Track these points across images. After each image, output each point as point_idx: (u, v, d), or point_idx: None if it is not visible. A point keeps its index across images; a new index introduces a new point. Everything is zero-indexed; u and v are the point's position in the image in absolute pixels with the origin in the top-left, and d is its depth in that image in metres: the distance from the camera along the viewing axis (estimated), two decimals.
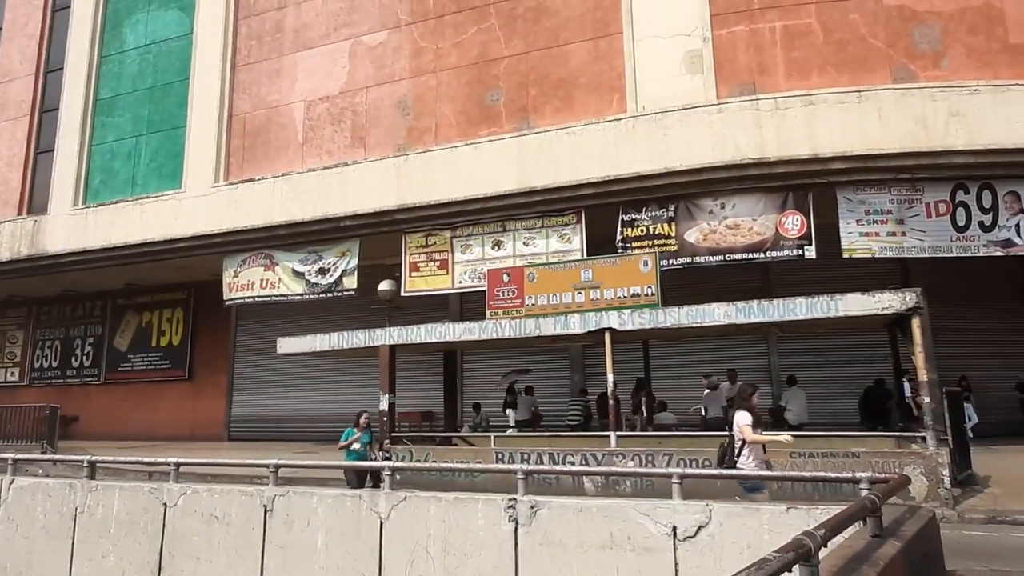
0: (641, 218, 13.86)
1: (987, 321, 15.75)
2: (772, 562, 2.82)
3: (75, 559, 8.23)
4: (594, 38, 14.68)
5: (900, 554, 4.24)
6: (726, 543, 5.73)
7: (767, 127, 12.74)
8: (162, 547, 7.76)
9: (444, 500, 6.72)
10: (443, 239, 15.51)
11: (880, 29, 13.06)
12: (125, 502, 8.11)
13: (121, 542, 8.03)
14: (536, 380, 16.12)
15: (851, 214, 12.56)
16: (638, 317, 10.42)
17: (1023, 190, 12.44)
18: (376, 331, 12.35)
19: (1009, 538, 7.60)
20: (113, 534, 8.09)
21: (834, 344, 15.20)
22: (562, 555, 6.18)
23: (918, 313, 9.07)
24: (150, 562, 7.76)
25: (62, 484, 8.72)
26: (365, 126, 16.62)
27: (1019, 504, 8.71)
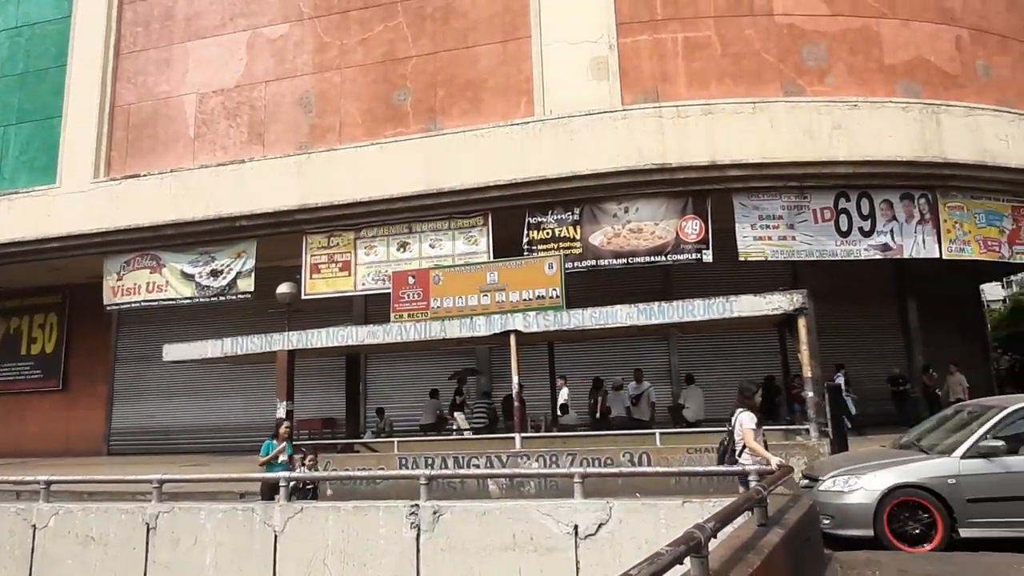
0: (547, 221, 13.98)
1: (864, 320, 16.98)
2: (664, 555, 2.82)
3: None
4: (503, 41, 14.70)
5: (783, 541, 4.41)
6: (625, 539, 5.81)
7: (669, 134, 13.17)
8: (31, 572, 7.03)
9: (343, 510, 6.46)
10: (346, 240, 15.07)
11: (772, 45, 13.80)
12: None
13: None
14: (441, 383, 15.95)
15: (746, 219, 13.18)
16: (543, 319, 10.48)
17: (895, 199, 13.49)
18: (274, 336, 11.82)
19: None
20: None
21: (729, 343, 15.90)
22: (464, 559, 6.06)
23: (804, 313, 9.61)
24: None
25: None
26: (264, 122, 15.91)
27: None
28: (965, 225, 13.87)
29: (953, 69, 14.29)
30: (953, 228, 13.67)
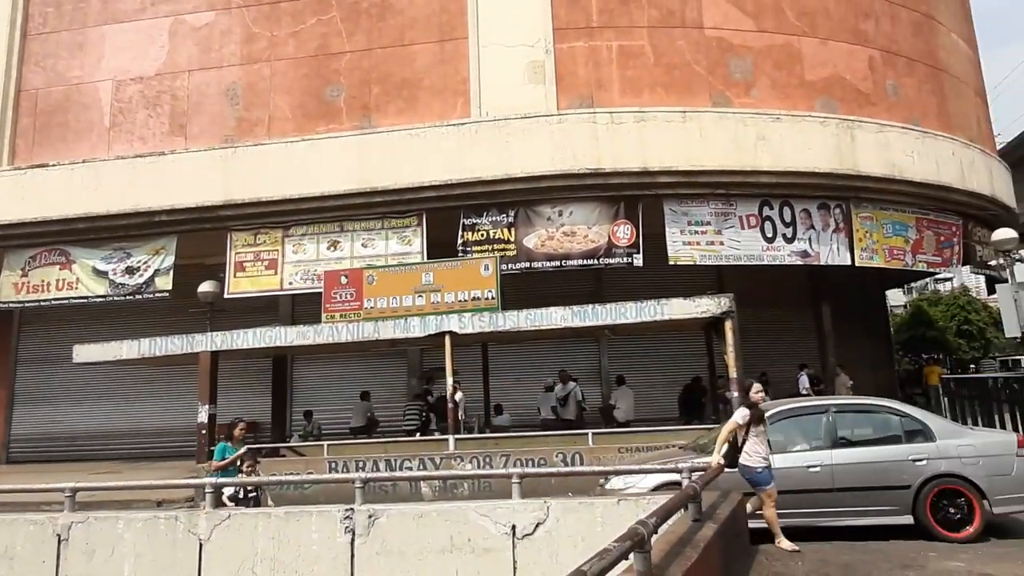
0: (482, 222, 13.97)
1: (783, 323, 17.80)
2: (612, 551, 2.86)
3: None
4: (440, 41, 14.60)
5: (717, 535, 4.56)
6: (562, 537, 5.85)
7: (603, 140, 13.41)
8: None
9: (274, 516, 6.23)
10: (273, 238, 14.59)
11: (702, 57, 14.28)
12: None
13: None
14: (373, 385, 15.69)
15: (676, 224, 13.56)
16: (478, 320, 10.46)
17: (812, 208, 14.20)
18: (196, 336, 11.32)
19: None
20: None
21: (658, 345, 16.33)
22: (400, 563, 5.96)
23: (730, 316, 9.98)
24: None
25: None
26: (187, 113, 15.22)
27: None
28: (874, 235, 14.75)
29: (866, 87, 15.18)
30: (864, 237, 14.51)
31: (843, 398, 8.39)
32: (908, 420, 7.31)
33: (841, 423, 7.41)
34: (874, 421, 7.54)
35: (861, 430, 7.43)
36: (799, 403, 8.16)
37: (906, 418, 7.34)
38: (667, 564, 3.54)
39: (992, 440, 7.25)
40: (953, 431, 7.37)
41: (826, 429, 7.36)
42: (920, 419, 7.34)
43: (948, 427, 7.47)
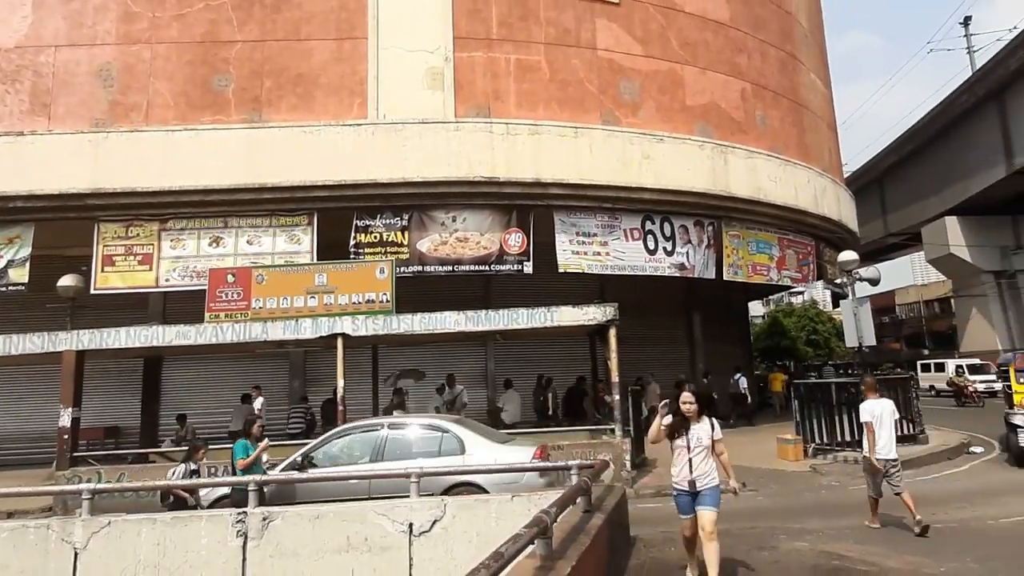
0: (375, 225, 13.92)
1: (658, 331, 18.98)
2: (523, 536, 3.13)
3: None
4: (338, 39, 14.39)
5: (605, 524, 4.96)
6: (458, 534, 6.06)
7: (499, 149, 13.78)
8: None
9: (160, 521, 5.99)
10: (148, 231, 13.76)
11: (595, 76, 15.02)
12: None
13: None
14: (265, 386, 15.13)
15: (565, 234, 14.18)
16: (372, 323, 10.45)
17: (689, 224, 15.33)
18: (60, 334, 10.47)
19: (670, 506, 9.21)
20: None
21: (543, 349, 16.91)
22: (295, 564, 5.93)
23: (614, 324, 10.61)
24: None
25: None
26: (51, 92, 14.01)
27: None
28: (740, 251, 16.16)
29: (738, 116, 16.60)
30: (731, 253, 15.86)
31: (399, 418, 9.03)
32: (448, 436, 8.02)
33: (392, 439, 8.05)
34: (421, 437, 8.18)
35: (407, 445, 8.05)
36: (362, 422, 8.72)
37: (447, 434, 8.05)
38: (564, 549, 3.86)
39: (513, 454, 7.91)
40: (484, 446, 7.96)
41: (376, 445, 7.97)
42: (458, 435, 8.01)
43: (480, 442, 8.04)
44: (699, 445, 5.18)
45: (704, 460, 5.17)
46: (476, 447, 7.88)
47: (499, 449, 7.96)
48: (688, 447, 5.20)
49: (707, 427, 5.24)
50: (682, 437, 5.23)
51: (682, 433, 5.23)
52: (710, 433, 5.23)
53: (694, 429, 5.22)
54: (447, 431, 8.14)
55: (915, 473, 11.18)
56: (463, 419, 9.14)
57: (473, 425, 8.72)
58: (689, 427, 5.22)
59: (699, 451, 5.17)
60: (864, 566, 5.66)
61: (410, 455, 7.85)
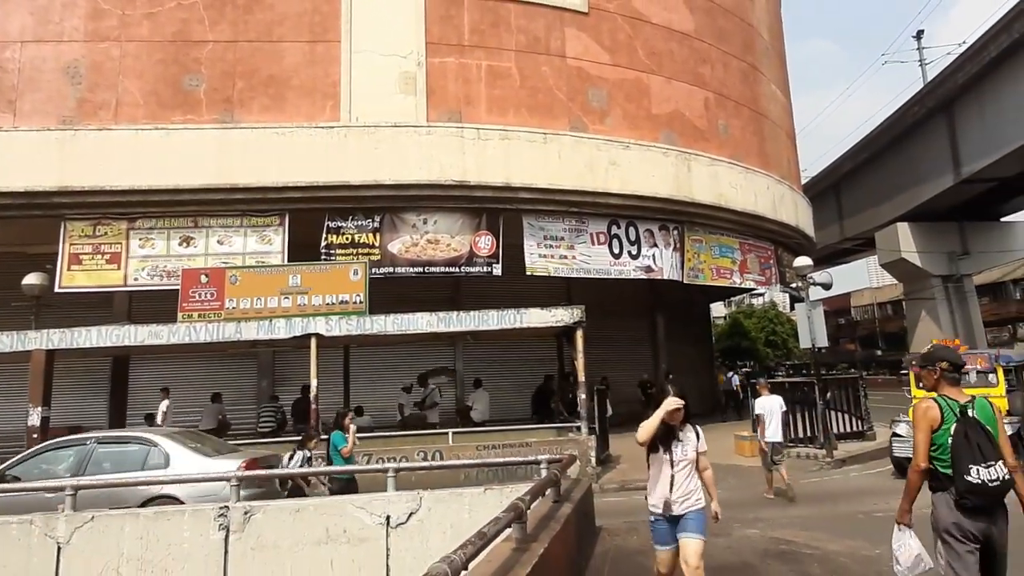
0: (347, 226, 14.08)
1: (622, 332, 19.51)
2: (502, 519, 3.47)
3: None
4: (311, 41, 14.52)
5: (573, 513, 5.34)
6: (433, 525, 6.37)
7: (469, 154, 14.08)
8: None
9: (142, 515, 6.17)
10: (117, 230, 13.69)
11: (564, 84, 15.42)
12: None
13: None
14: (222, 386, 15.18)
15: (533, 238, 14.55)
16: (345, 324, 10.67)
17: (655, 229, 15.84)
18: (29, 333, 10.46)
19: (632, 499, 9.73)
20: None
21: (511, 350, 17.28)
22: (276, 556, 6.16)
23: (581, 326, 11.01)
24: None
25: None
26: (17, 87, 13.84)
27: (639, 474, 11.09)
28: (702, 255, 16.75)
29: (702, 124, 17.19)
30: (693, 257, 16.43)
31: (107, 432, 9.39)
32: (156, 451, 8.25)
33: (98, 453, 8.23)
34: (128, 450, 8.29)
35: (112, 459, 8.25)
36: (70, 437, 8.91)
37: (155, 448, 8.27)
38: (537, 533, 4.21)
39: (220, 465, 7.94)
40: (190, 459, 8.10)
41: (81, 459, 8.16)
42: (165, 449, 8.21)
43: (187, 455, 8.21)
44: (683, 459, 4.29)
45: (688, 477, 4.29)
46: (182, 460, 8.05)
47: (207, 461, 8.08)
48: (671, 461, 4.27)
49: (692, 437, 4.36)
50: (663, 450, 4.29)
51: (665, 444, 4.29)
52: (695, 444, 4.35)
53: (678, 440, 4.31)
54: (155, 444, 8.28)
55: (862, 468, 11.84)
56: (179, 432, 9.10)
57: (189, 438, 8.81)
58: (673, 437, 4.30)
59: (683, 466, 4.28)
60: (808, 549, 6.14)
61: (114, 469, 8.01)
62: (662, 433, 4.26)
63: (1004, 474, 3.44)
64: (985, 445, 3.48)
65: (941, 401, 3.64)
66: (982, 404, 3.64)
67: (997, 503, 3.47)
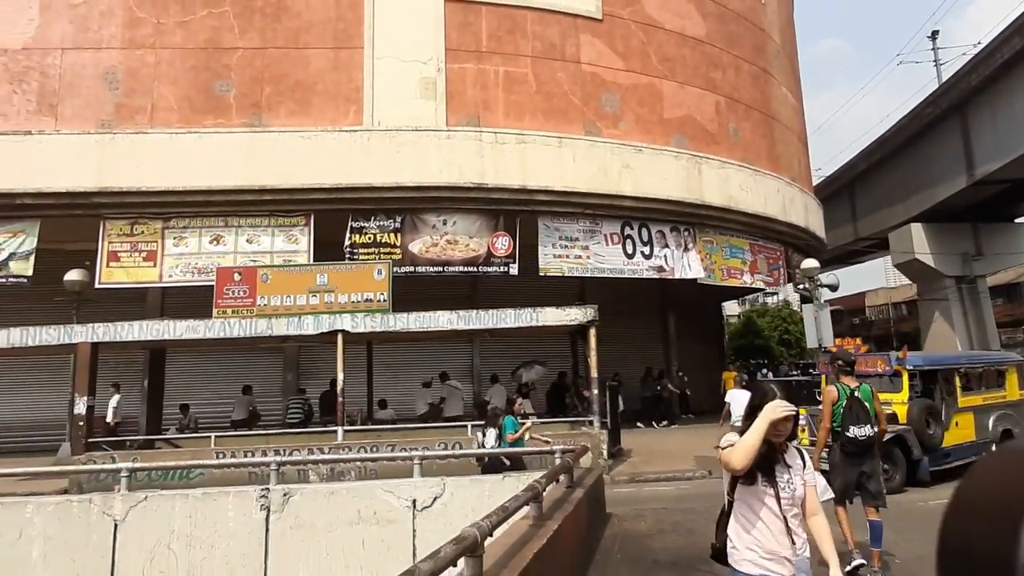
0: (369, 226, 14.67)
1: (633, 330, 19.97)
2: (521, 497, 4.02)
3: None
4: (335, 48, 15.09)
5: (585, 498, 5.86)
6: (455, 509, 6.92)
7: (487, 157, 14.61)
8: None
9: (191, 496, 6.77)
10: (152, 229, 14.39)
11: (578, 89, 15.89)
12: None
13: None
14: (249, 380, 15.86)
15: (548, 239, 15.05)
16: (370, 321, 11.25)
17: (666, 230, 16.29)
18: (75, 327, 11.13)
19: (643, 491, 10.24)
20: None
21: (526, 347, 17.79)
22: (312, 535, 6.75)
23: (594, 325, 11.52)
24: None
25: None
26: (59, 92, 14.56)
27: (649, 468, 11.64)
28: (713, 256, 17.16)
29: (713, 128, 17.58)
30: (705, 258, 16.85)
31: None
32: None
33: None
34: None
35: None
36: None
37: None
38: (551, 513, 4.74)
39: None
40: None
41: None
42: None
43: None
44: (793, 497, 2.88)
45: (801, 523, 2.90)
46: None
47: None
48: (776, 497, 2.85)
49: (799, 463, 2.95)
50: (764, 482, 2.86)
51: (767, 473, 2.86)
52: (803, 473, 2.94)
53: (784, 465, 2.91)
54: None
55: None
56: None
57: None
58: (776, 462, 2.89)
59: (792, 507, 2.88)
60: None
61: None
62: (764, 459, 2.84)
63: (871, 432, 5.81)
64: (861, 414, 5.81)
65: (838, 386, 5.95)
66: (864, 389, 5.96)
67: (866, 449, 5.82)
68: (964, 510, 0.81)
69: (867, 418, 5.78)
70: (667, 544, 6.31)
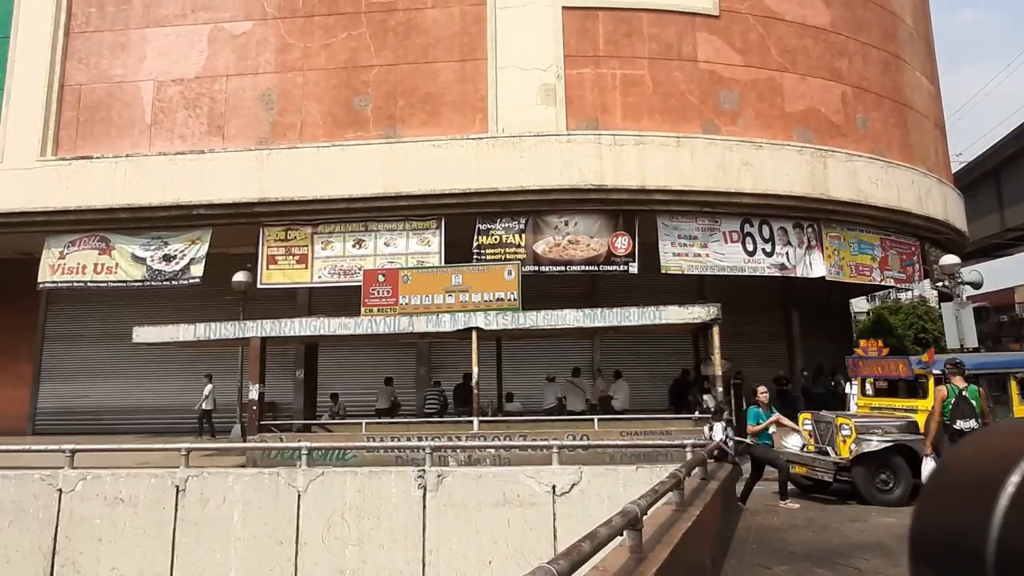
0: (495, 228, 15.51)
1: (756, 328, 19.66)
2: (667, 483, 4.52)
3: None
4: (461, 60, 16.04)
5: (719, 489, 6.26)
6: (592, 496, 7.50)
7: (606, 159, 15.03)
8: (57, 532, 7.84)
9: (359, 473, 7.77)
10: (303, 234, 15.96)
11: (695, 87, 15.96)
12: (9, 490, 8.00)
13: (4, 531, 7.93)
14: (385, 372, 17.19)
15: (667, 237, 15.27)
16: (501, 318, 12.03)
17: (788, 227, 16.03)
18: (247, 323, 12.68)
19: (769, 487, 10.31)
20: None
21: (646, 343, 18.08)
22: (463, 513, 7.56)
23: (717, 323, 11.70)
24: (42, 547, 7.80)
25: None
26: (224, 115, 16.45)
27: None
28: (841, 252, 16.65)
29: (838, 120, 17.04)
30: (832, 255, 16.39)
31: None
32: None
33: None
34: None
35: None
36: None
37: None
38: (691, 501, 5.20)
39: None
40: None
41: None
42: None
43: None
44: None
45: None
46: None
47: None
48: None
49: None
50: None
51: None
52: None
53: None
54: None
55: None
56: None
57: None
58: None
59: None
60: None
61: None
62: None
63: (975, 425, 6.78)
64: (967, 410, 6.99)
65: (949, 386, 7.22)
66: (972, 389, 7.13)
67: None
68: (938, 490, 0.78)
69: (972, 413, 6.94)
70: (802, 538, 6.55)
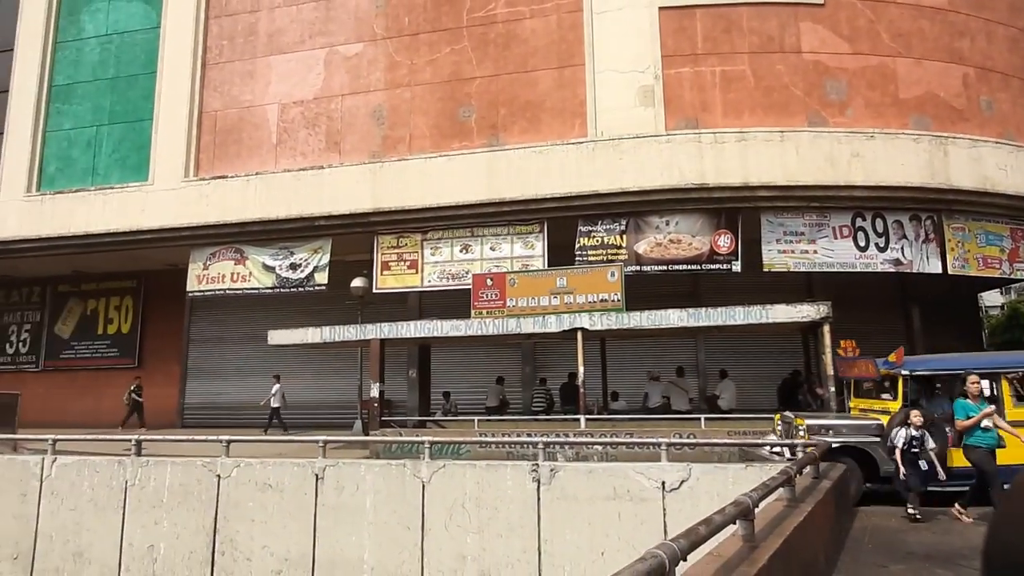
0: (596, 230, 15.81)
1: (869, 325, 18.73)
2: (777, 478, 4.75)
3: (127, 526, 9.23)
4: (559, 67, 16.47)
5: (832, 488, 6.35)
6: (701, 492, 7.71)
7: (707, 157, 14.98)
8: (216, 512, 8.94)
9: (478, 466, 8.36)
10: (414, 241, 16.91)
11: (799, 79, 15.59)
12: (178, 475, 9.20)
13: (175, 510, 9.13)
14: (493, 372, 17.88)
15: (772, 234, 15.02)
16: (606, 319, 12.34)
17: (904, 219, 15.34)
18: (367, 326, 13.66)
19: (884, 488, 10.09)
20: (166, 503, 9.17)
21: (752, 343, 17.78)
22: (575, 506, 7.97)
23: (828, 321, 11.48)
24: (205, 525, 8.92)
25: (109, 461, 9.64)
26: (340, 132, 17.70)
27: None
28: (967, 244, 15.73)
29: (959, 104, 16.09)
30: (956, 247, 15.52)
31: None
32: None
33: None
34: None
35: None
36: None
37: None
38: (803, 498, 5.37)
39: None
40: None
41: None
42: None
43: None
44: None
45: None
46: None
47: None
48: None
49: None
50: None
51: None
52: None
53: None
54: None
55: None
56: None
57: None
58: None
59: None
60: None
61: None
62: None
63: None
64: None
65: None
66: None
67: None
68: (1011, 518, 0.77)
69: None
70: (922, 539, 6.49)
